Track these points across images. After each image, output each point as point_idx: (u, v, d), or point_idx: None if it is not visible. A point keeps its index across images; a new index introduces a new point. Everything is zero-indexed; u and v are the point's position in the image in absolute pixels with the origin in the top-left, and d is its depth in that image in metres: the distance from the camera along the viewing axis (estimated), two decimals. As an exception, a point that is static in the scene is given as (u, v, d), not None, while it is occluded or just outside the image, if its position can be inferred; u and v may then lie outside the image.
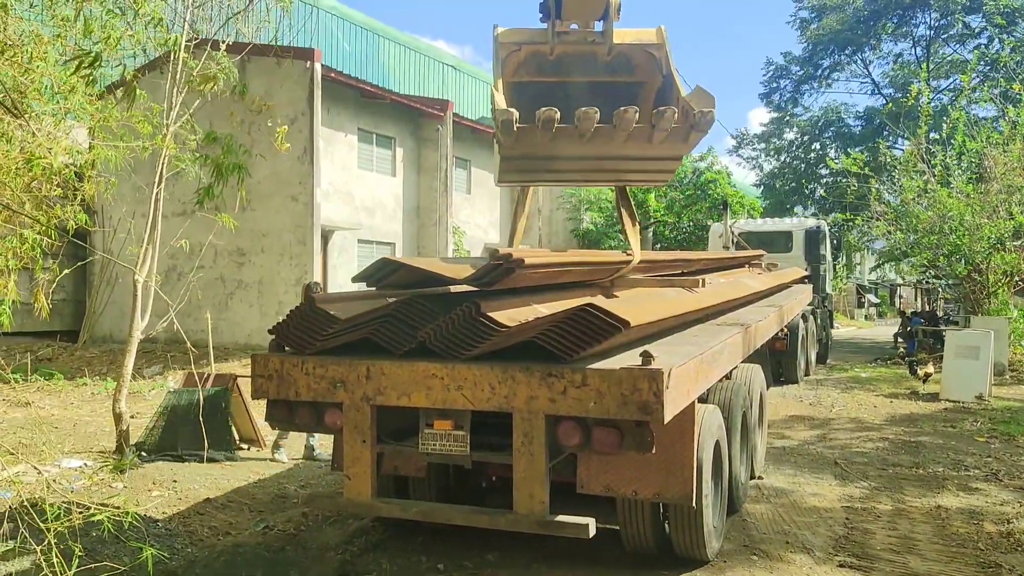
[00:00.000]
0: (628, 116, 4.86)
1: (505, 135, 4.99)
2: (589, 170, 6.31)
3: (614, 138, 5.11)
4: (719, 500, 5.79)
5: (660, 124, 4.93)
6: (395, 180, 19.99)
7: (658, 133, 5.03)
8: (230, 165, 6.79)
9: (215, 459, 7.82)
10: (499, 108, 4.94)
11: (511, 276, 4.59)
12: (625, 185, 6.80)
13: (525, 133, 5.01)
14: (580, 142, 5.15)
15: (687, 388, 4.54)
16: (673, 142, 5.24)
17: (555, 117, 4.85)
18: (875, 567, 5.52)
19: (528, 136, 5.05)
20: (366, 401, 4.64)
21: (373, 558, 5.57)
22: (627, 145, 5.24)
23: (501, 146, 5.39)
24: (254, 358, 4.94)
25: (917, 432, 10.10)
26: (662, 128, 4.96)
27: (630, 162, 5.87)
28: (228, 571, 5.11)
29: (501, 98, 5.22)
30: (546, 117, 4.85)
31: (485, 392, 4.38)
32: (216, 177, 6.89)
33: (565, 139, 5.11)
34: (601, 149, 5.38)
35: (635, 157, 5.69)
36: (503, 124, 4.89)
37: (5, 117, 5.59)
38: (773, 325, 9.12)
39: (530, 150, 5.37)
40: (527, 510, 4.39)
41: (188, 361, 15.54)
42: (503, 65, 5.74)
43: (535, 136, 5.04)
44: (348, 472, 4.78)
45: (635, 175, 6.47)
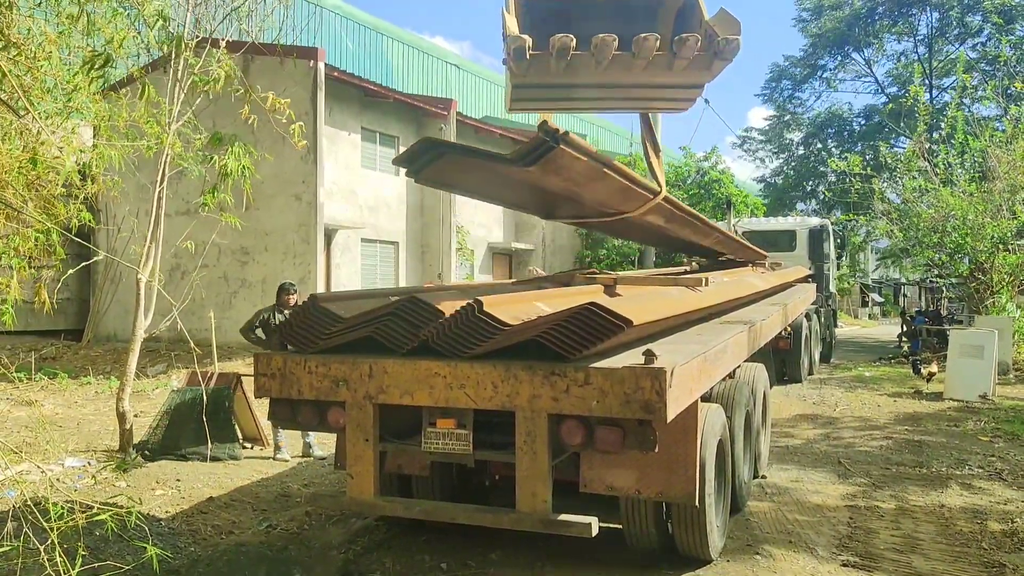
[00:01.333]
0: (648, 44, 4.59)
1: (517, 62, 4.66)
2: (606, 97, 5.95)
3: (633, 66, 4.82)
4: (722, 499, 5.78)
5: (682, 52, 4.65)
6: (398, 179, 19.98)
7: (679, 61, 4.75)
8: (236, 164, 6.79)
9: (218, 458, 7.83)
10: (511, 34, 4.63)
11: (554, 154, 4.63)
12: (645, 111, 6.70)
13: (538, 60, 4.70)
14: (597, 70, 4.83)
15: (690, 387, 4.53)
16: (696, 70, 4.93)
17: (570, 45, 4.55)
18: (879, 566, 5.50)
19: (542, 63, 4.74)
20: (369, 400, 4.64)
21: (376, 557, 5.58)
22: (646, 73, 4.96)
23: (512, 73, 5.04)
24: (257, 357, 4.94)
25: (921, 431, 10.08)
26: (684, 56, 4.69)
27: (650, 89, 5.51)
28: (231, 570, 5.11)
29: (513, 21, 4.88)
30: (561, 45, 4.55)
31: (488, 391, 4.37)
32: (222, 176, 6.90)
33: (580, 67, 4.81)
34: (619, 77, 5.05)
35: (655, 84, 5.35)
36: (515, 51, 4.57)
37: (7, 115, 5.59)
38: (777, 324, 9.11)
39: (544, 78, 5.03)
40: (530, 509, 4.39)
41: (192, 360, 15.57)
42: None
43: (549, 63, 4.73)
44: (351, 471, 4.77)
45: (656, 101, 6.12)
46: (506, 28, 4.72)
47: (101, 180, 6.35)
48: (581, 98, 5.90)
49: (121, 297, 17.82)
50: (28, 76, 5.51)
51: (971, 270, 17.34)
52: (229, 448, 7.95)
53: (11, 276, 5.94)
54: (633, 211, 6.55)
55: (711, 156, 25.04)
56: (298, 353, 4.87)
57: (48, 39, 5.76)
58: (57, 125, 5.38)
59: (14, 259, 5.82)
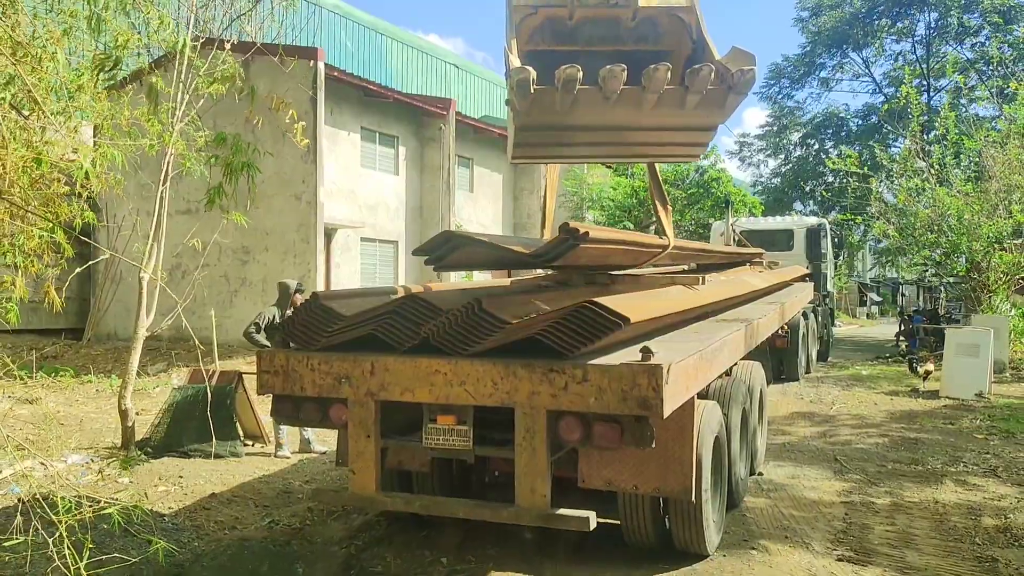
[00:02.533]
0: (659, 75, 4.37)
1: (521, 98, 4.47)
2: (613, 143, 5.80)
3: (642, 103, 4.61)
4: (719, 495, 5.85)
5: (695, 85, 4.44)
6: (398, 179, 20.06)
7: (692, 96, 4.54)
8: (240, 164, 6.87)
9: (220, 455, 7.90)
10: (514, 67, 4.43)
11: (575, 251, 4.65)
12: (653, 161, 6.66)
13: (543, 96, 4.50)
14: (604, 107, 4.64)
15: (686, 384, 4.60)
16: (708, 108, 4.74)
17: (577, 76, 4.33)
18: (873, 561, 5.58)
19: (546, 100, 4.55)
20: (370, 396, 4.71)
21: (378, 552, 5.65)
22: (656, 112, 4.75)
23: (516, 113, 4.90)
24: (259, 354, 5.01)
25: (917, 429, 10.16)
26: (696, 90, 4.48)
27: (659, 133, 5.37)
28: (234, 565, 5.18)
29: (516, 59, 4.69)
30: (567, 76, 4.32)
31: (487, 388, 4.45)
32: (226, 176, 6.97)
33: (588, 104, 4.61)
34: (627, 117, 4.90)
35: (665, 127, 5.22)
36: (519, 84, 4.37)
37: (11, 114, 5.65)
38: (774, 322, 9.19)
39: (548, 117, 4.88)
40: (529, 504, 4.46)
41: (192, 358, 15.64)
42: (517, 31, 5.21)
43: (554, 100, 4.54)
44: (353, 466, 4.85)
45: (664, 148, 5.93)
46: (509, 64, 4.58)
47: (104, 179, 6.40)
48: (587, 144, 5.76)
49: (121, 296, 17.89)
50: (33, 76, 5.58)
51: (967, 269, 17.46)
52: (231, 445, 8.02)
53: (17, 274, 6.01)
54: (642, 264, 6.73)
55: (710, 155, 25.21)
56: (301, 350, 4.94)
57: (54, 38, 5.84)
58: (61, 124, 5.43)
59: (19, 257, 5.90)
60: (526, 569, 5.33)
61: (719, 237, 17.66)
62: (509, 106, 4.92)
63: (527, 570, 5.32)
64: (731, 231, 16.88)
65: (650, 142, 5.65)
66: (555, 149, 5.93)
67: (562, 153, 6.33)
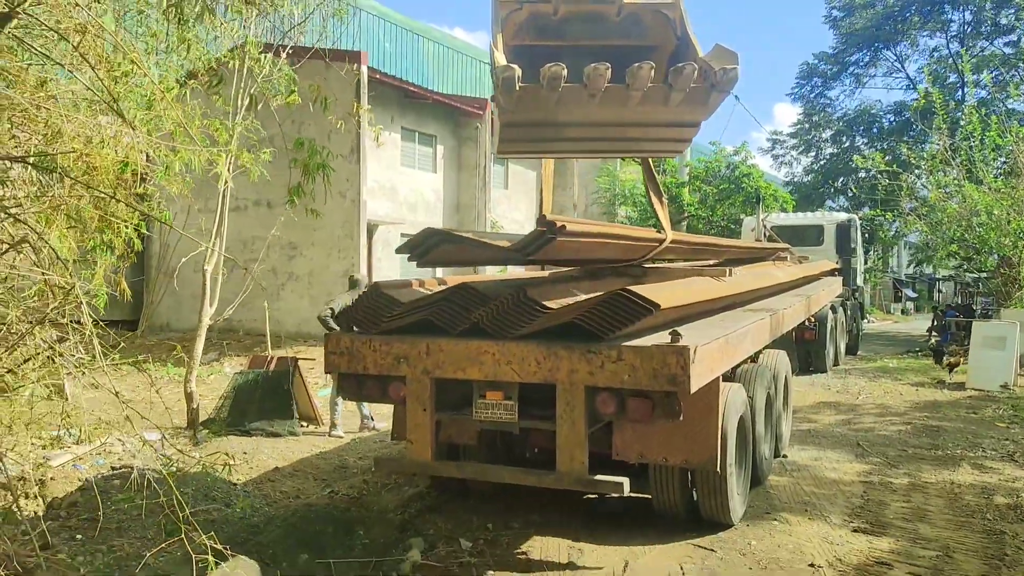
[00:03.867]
0: (643, 73, 4.46)
1: (506, 95, 4.56)
2: (598, 138, 5.80)
3: (627, 100, 4.68)
4: (743, 470, 6.32)
5: (678, 83, 4.53)
6: (436, 176, 20.66)
7: (675, 94, 4.64)
8: (315, 165, 7.47)
9: (279, 434, 8.52)
10: (499, 65, 4.51)
11: (553, 244, 4.81)
12: (638, 155, 6.68)
13: (528, 94, 4.58)
14: (589, 104, 4.70)
15: (712, 365, 5.08)
16: (692, 105, 4.82)
17: (562, 74, 4.42)
18: (887, 532, 6.02)
19: (532, 97, 4.62)
20: (426, 374, 5.25)
21: (429, 519, 6.20)
22: (641, 109, 4.82)
23: (502, 110, 4.97)
24: (327, 337, 5.58)
25: (939, 417, 10.51)
26: (680, 88, 4.56)
27: (644, 128, 5.36)
28: (302, 526, 5.76)
29: (501, 55, 4.78)
30: (552, 74, 4.42)
31: (532, 366, 4.97)
32: (305, 176, 7.58)
33: (572, 101, 4.69)
34: (612, 113, 4.93)
35: (649, 123, 5.21)
36: (504, 82, 4.44)
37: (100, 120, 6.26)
38: (800, 314, 9.60)
39: (533, 114, 4.95)
40: (569, 469, 4.98)
41: (242, 348, 16.39)
42: (502, 26, 5.26)
43: (539, 97, 4.61)
44: (410, 437, 5.39)
45: (649, 143, 5.91)
46: (494, 61, 4.67)
47: (181, 180, 7.03)
48: (572, 139, 5.77)
49: (174, 290, 18.62)
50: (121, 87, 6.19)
51: (997, 264, 17.59)
52: (289, 425, 8.64)
53: (100, 267, 6.65)
54: (640, 258, 6.78)
55: (741, 151, 25.48)
56: (363, 334, 5.50)
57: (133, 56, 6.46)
58: (147, 132, 6.04)
59: (104, 254, 6.53)
60: (564, 535, 5.84)
61: (750, 232, 17.97)
62: (495, 102, 5.01)
63: (565, 536, 5.82)
64: (761, 226, 17.20)
65: (635, 137, 5.64)
66: (541, 144, 5.94)
67: (548, 148, 6.40)
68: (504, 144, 5.71)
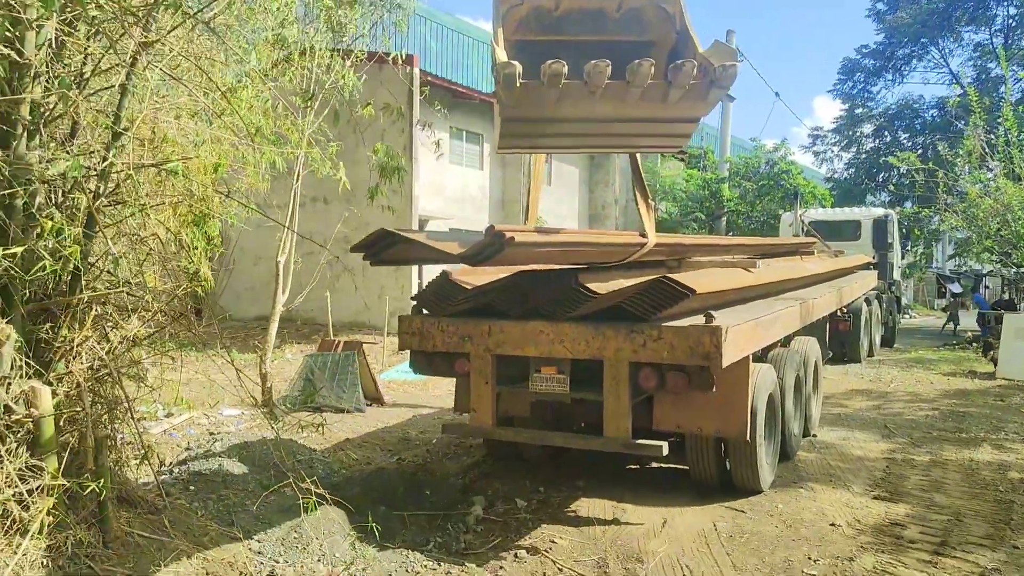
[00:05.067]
0: (643, 70, 4.53)
1: (507, 92, 4.61)
2: (598, 134, 5.88)
3: (627, 96, 4.74)
4: (772, 443, 6.94)
5: (677, 80, 4.61)
6: (482, 173, 21.42)
7: (675, 90, 4.69)
8: (392, 168, 8.24)
9: (346, 410, 9.33)
10: (500, 61, 4.58)
11: (502, 253, 4.87)
12: (639, 150, 6.70)
13: (529, 90, 4.64)
14: (589, 101, 4.76)
15: (742, 344, 5.72)
16: (691, 101, 4.84)
17: (562, 71, 4.48)
18: (904, 500, 6.60)
19: (532, 94, 4.68)
20: (488, 352, 5.97)
21: (487, 483, 6.93)
22: (640, 105, 4.86)
23: (502, 106, 5.01)
24: (401, 319, 6.32)
25: (967, 404, 10.98)
26: (679, 84, 4.63)
27: (643, 124, 5.43)
28: (377, 485, 6.53)
29: (502, 52, 4.86)
30: (553, 71, 4.48)
31: (582, 345, 5.66)
32: (383, 177, 8.35)
33: (573, 97, 4.75)
34: (612, 110, 4.98)
35: (649, 119, 5.26)
36: (505, 79, 4.52)
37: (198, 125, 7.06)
38: (831, 304, 10.16)
39: (534, 111, 5.00)
40: (615, 434, 5.67)
41: (300, 336, 17.31)
42: (503, 21, 5.34)
43: (540, 94, 4.67)
44: (474, 406, 6.12)
45: (648, 139, 6.00)
46: (495, 58, 4.74)
47: (264, 178, 7.82)
48: (572, 135, 5.82)
49: (233, 282, 19.65)
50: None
51: (1033, 260, 17.82)
52: (355, 402, 9.44)
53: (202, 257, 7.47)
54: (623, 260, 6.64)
55: (780, 147, 25.83)
56: (433, 316, 6.24)
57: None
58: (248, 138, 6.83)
59: (203, 243, 7.34)
60: (608, 497, 6.52)
61: (787, 227, 18.43)
62: (496, 99, 5.06)
63: (609, 498, 6.51)
64: (799, 222, 17.66)
65: (635, 133, 5.71)
66: (541, 140, 6.02)
67: (548, 143, 6.42)
68: (504, 139, 5.81)
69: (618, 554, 5.40)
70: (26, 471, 4.21)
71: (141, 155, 5.20)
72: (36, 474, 4.26)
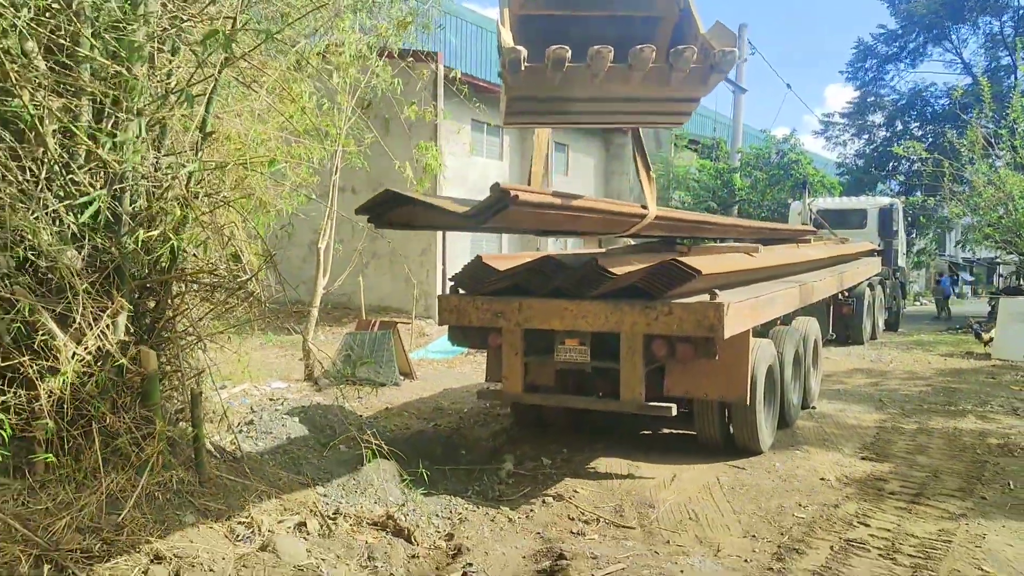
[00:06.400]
0: (644, 55, 4.63)
1: (512, 74, 4.68)
2: (601, 112, 6.00)
3: (629, 79, 4.84)
4: (771, 409, 7.72)
5: (678, 64, 4.70)
6: (502, 164, 22.17)
7: (676, 74, 4.79)
8: (432, 164, 9.06)
9: (383, 383, 10.18)
10: (506, 45, 4.67)
11: (507, 212, 5.07)
12: (641, 126, 6.94)
13: (533, 72, 4.70)
14: (592, 82, 4.86)
15: (743, 319, 6.50)
16: (691, 83, 4.94)
17: (566, 56, 4.59)
18: (889, 460, 7.38)
19: (537, 76, 4.74)
20: (518, 326, 6.79)
21: (515, 445, 7.76)
22: (642, 86, 4.95)
23: (507, 86, 5.10)
24: (440, 298, 7.15)
25: (959, 381, 11.71)
26: (680, 68, 4.74)
27: (645, 103, 5.50)
28: (419, 444, 7.37)
29: (508, 34, 4.93)
30: (556, 56, 4.58)
31: (601, 319, 6.45)
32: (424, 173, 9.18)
33: (576, 79, 4.82)
34: (614, 90, 5.04)
35: (650, 98, 5.34)
36: (510, 63, 4.59)
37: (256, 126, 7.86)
38: (831, 287, 10.92)
39: (539, 91, 5.07)
40: (630, 398, 6.48)
41: (332, 319, 18.16)
42: None
43: (544, 76, 4.74)
44: (505, 375, 6.95)
45: (649, 116, 6.15)
46: (500, 40, 4.80)
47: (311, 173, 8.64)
48: (576, 112, 5.95)
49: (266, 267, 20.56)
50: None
51: (1033, 247, 18.38)
52: (391, 376, 10.29)
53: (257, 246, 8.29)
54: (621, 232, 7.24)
55: (790, 138, 26.45)
56: (468, 295, 7.06)
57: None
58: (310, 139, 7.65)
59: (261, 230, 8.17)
60: (624, 457, 7.32)
61: (796, 216, 19.10)
62: (501, 78, 5.19)
63: (625, 457, 7.31)
64: (808, 210, 18.34)
65: (637, 111, 5.81)
66: (545, 116, 6.14)
67: (552, 119, 6.60)
68: (510, 116, 5.91)
69: (633, 501, 6.21)
70: (139, 420, 5.07)
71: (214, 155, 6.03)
72: (145, 424, 5.12)
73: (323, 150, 8.50)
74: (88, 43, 4.87)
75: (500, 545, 5.34)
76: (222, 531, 4.91)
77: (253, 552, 4.66)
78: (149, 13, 5.14)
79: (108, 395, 4.99)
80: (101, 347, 4.85)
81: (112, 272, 5.08)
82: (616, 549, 5.27)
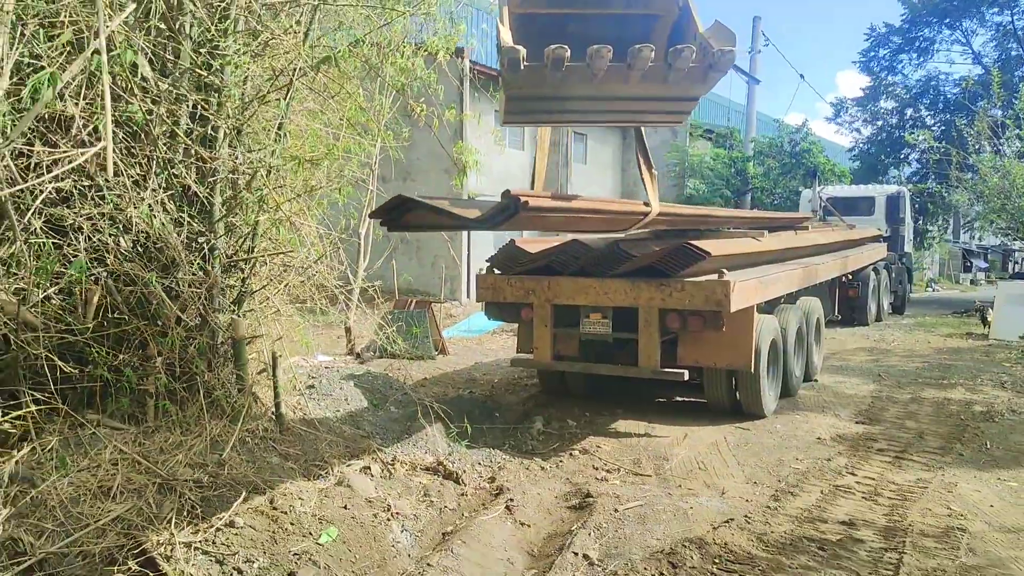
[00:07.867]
0: (643, 55, 4.65)
1: (511, 74, 4.72)
2: (600, 110, 6.02)
3: (628, 78, 4.87)
4: (775, 377, 8.55)
5: (677, 63, 4.74)
6: (524, 153, 23.01)
7: (674, 73, 4.83)
8: (468, 160, 9.94)
9: (420, 358, 11.09)
10: (505, 45, 4.71)
11: (517, 217, 5.28)
12: (640, 124, 7.13)
13: (533, 72, 4.74)
14: (591, 82, 4.89)
15: (747, 296, 7.34)
16: (690, 82, 4.99)
17: (565, 56, 4.60)
18: (880, 424, 8.22)
19: (536, 75, 4.78)
20: (547, 302, 7.67)
21: (543, 409, 8.64)
22: (641, 85, 4.99)
23: (507, 85, 5.15)
24: (478, 276, 8.03)
25: (955, 358, 12.50)
26: (679, 68, 4.77)
27: (644, 102, 5.58)
28: (459, 405, 8.26)
29: (507, 33, 4.96)
30: (555, 56, 4.60)
31: (622, 295, 7.32)
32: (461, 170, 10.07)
33: (575, 79, 4.85)
34: (613, 89, 5.08)
35: (649, 97, 5.41)
36: (509, 62, 4.64)
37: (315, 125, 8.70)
38: (833, 269, 11.74)
39: (538, 90, 5.11)
40: (647, 364, 7.35)
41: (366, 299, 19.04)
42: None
43: (543, 75, 4.77)
44: (536, 345, 7.84)
45: (649, 115, 6.21)
46: (500, 39, 4.85)
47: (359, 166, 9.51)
48: (575, 111, 5.96)
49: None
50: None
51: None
52: (427, 351, 11.20)
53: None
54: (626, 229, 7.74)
55: (802, 128, 27.17)
56: (503, 274, 7.95)
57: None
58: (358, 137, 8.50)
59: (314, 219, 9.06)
60: (641, 419, 8.19)
61: (807, 203, 19.83)
62: (500, 77, 5.31)
63: (642, 419, 8.18)
64: (818, 198, 19.07)
65: (636, 110, 5.89)
66: (544, 115, 6.17)
67: (551, 118, 6.65)
68: (509, 115, 6.04)
69: (649, 455, 7.08)
70: (231, 378, 6.00)
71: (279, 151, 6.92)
72: (236, 381, 6.04)
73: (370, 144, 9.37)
74: (188, 57, 5.75)
75: (535, 487, 6.22)
76: (301, 471, 5.83)
77: (331, 486, 5.57)
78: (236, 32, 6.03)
79: (205, 356, 5.92)
80: (201, 315, 5.78)
81: (207, 252, 5.98)
82: (635, 491, 6.14)
